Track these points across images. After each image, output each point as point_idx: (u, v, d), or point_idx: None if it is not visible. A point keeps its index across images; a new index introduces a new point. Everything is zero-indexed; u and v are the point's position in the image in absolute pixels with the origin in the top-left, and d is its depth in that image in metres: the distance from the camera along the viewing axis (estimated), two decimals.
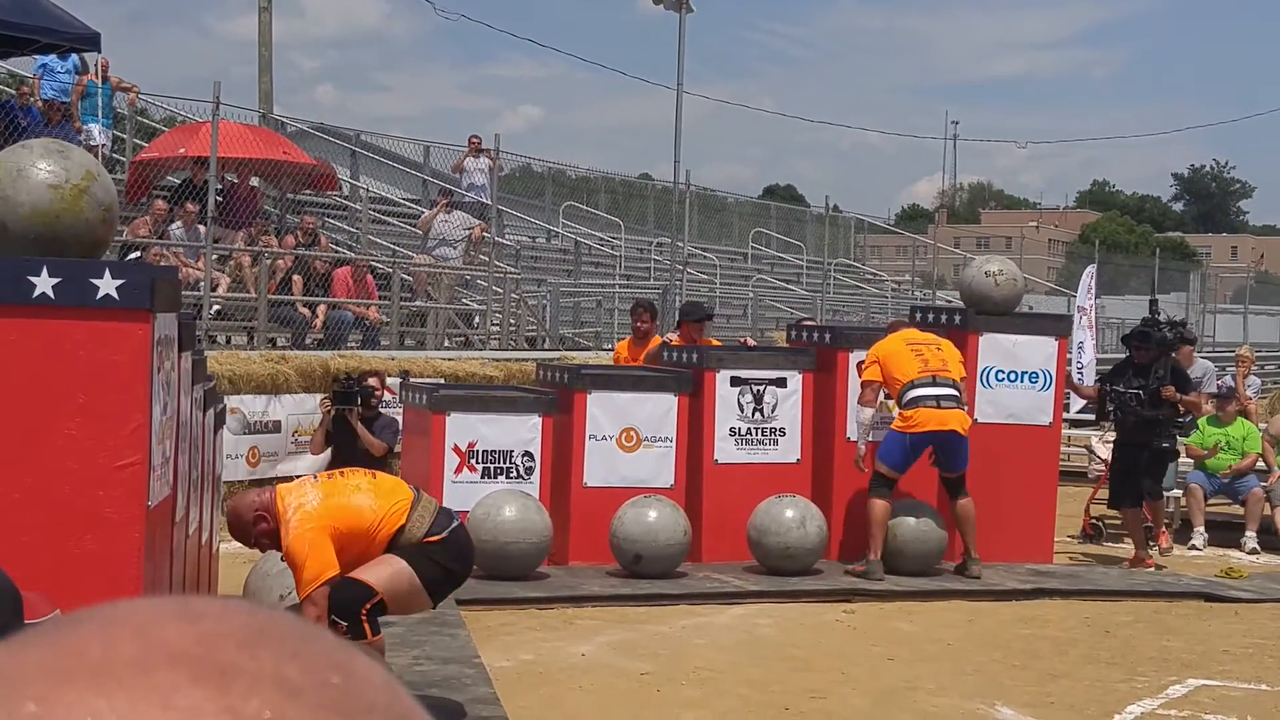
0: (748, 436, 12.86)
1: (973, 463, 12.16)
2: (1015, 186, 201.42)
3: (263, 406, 14.48)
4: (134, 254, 16.07)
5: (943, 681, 9.10)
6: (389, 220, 24.37)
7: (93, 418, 5.53)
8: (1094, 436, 16.85)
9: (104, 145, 18.79)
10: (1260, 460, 15.46)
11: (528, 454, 12.10)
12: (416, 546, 7.16)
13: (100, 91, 19.21)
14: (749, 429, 12.86)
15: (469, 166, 24.60)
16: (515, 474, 12.04)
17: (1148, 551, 13.45)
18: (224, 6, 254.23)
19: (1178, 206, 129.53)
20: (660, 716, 8.20)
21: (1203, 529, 15.11)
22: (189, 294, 15.64)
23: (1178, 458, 14.49)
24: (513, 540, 11.12)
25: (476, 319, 22.06)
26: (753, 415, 12.85)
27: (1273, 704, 8.92)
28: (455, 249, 21.69)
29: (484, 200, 23.69)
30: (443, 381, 15.08)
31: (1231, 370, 19.76)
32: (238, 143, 18.73)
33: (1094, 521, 15.13)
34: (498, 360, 17.97)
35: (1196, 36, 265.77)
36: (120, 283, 5.52)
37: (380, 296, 19.11)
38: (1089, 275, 23.30)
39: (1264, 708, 8.79)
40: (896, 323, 13.19)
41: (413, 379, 14.33)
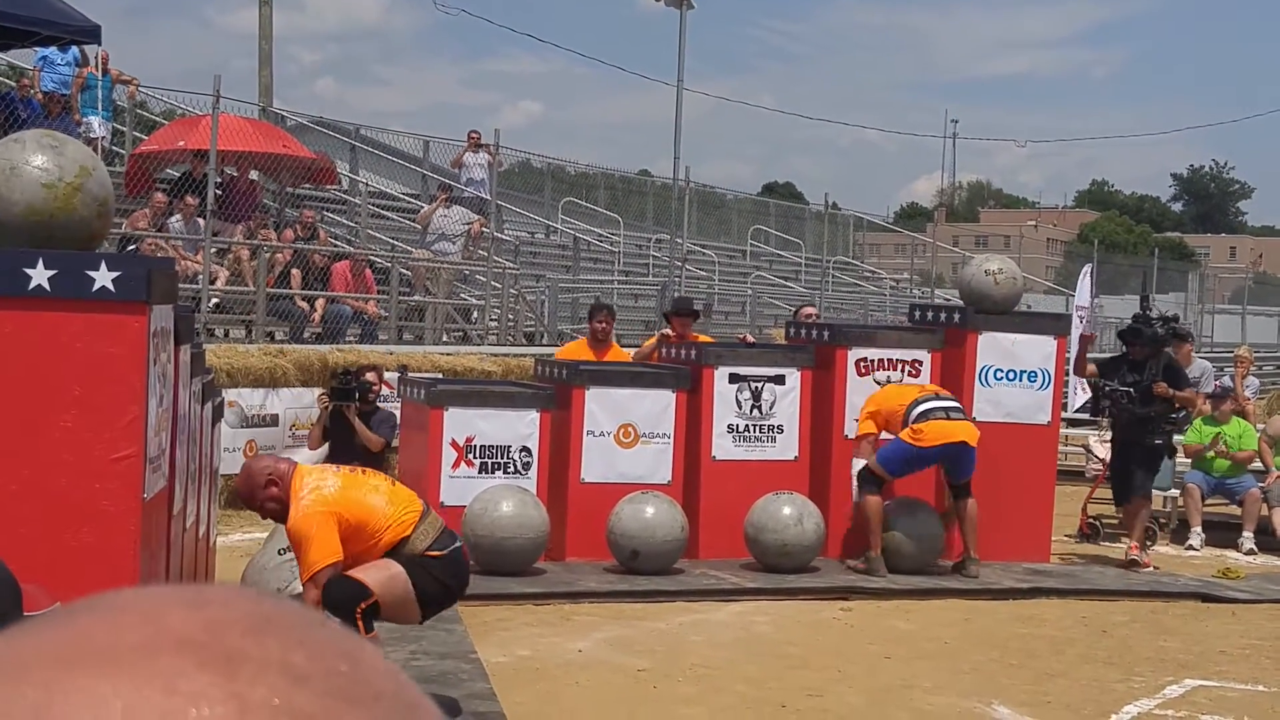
0: (746, 433, 12.85)
1: (972, 471, 12.17)
2: (1014, 185, 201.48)
3: (260, 400, 14.48)
4: (132, 246, 16.05)
5: (940, 680, 9.09)
6: (388, 215, 24.35)
7: (89, 410, 5.51)
8: (1092, 436, 16.85)
9: (104, 138, 18.79)
10: (1257, 459, 15.45)
11: (525, 449, 12.09)
12: (416, 558, 7.18)
13: (100, 84, 19.19)
14: (747, 426, 12.85)
15: (468, 161, 24.60)
16: (513, 469, 12.03)
17: (1135, 537, 13.43)
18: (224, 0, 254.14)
19: (1177, 207, 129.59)
20: (657, 713, 8.20)
21: (1200, 529, 15.10)
22: (188, 287, 15.64)
23: (1174, 455, 14.47)
24: (510, 535, 11.11)
25: (475, 314, 22.04)
26: (751, 412, 12.84)
27: (1269, 705, 8.92)
28: (454, 244, 21.68)
29: (483, 195, 23.68)
30: (441, 376, 15.07)
31: (1230, 371, 19.76)
32: (237, 136, 18.71)
33: (1091, 521, 15.12)
34: (496, 355, 17.96)
35: (1196, 37, 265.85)
36: (116, 275, 5.51)
37: (379, 291, 19.10)
38: (1086, 275, 23.29)
39: (1260, 708, 8.78)
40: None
41: (411, 374, 14.31)
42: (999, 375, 13.15)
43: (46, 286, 5.47)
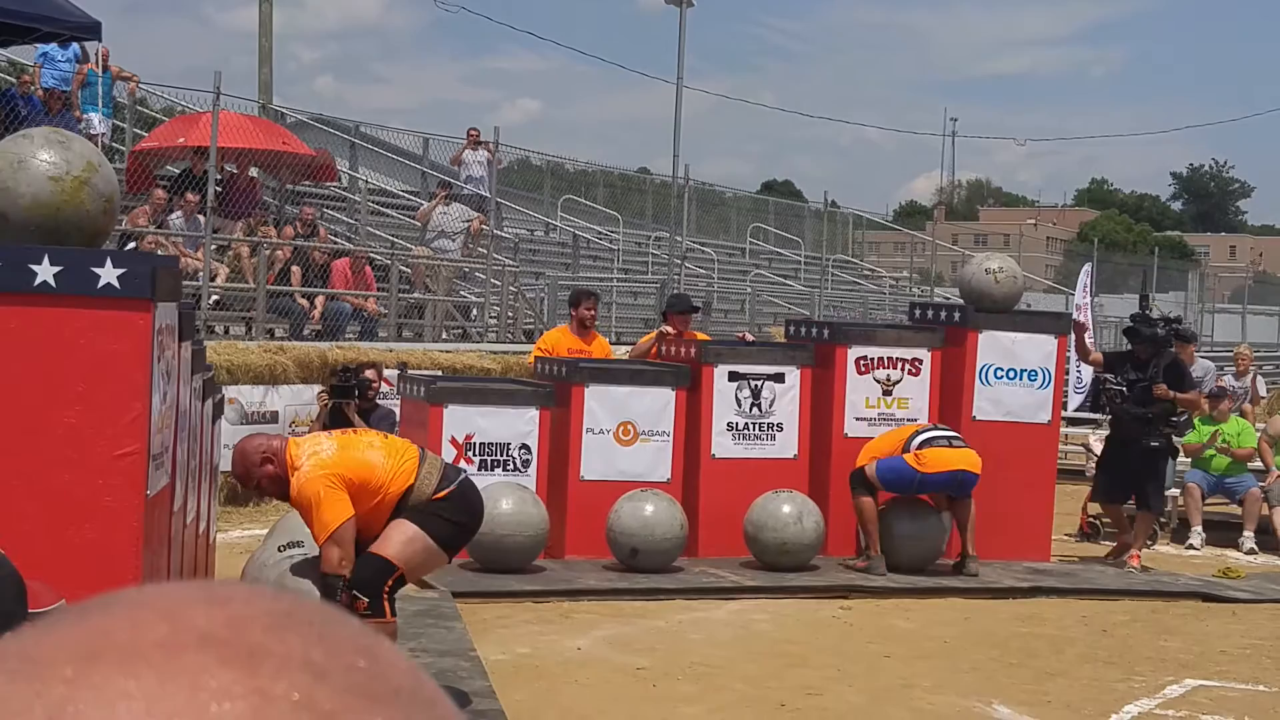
0: (745, 431, 12.85)
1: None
2: (1014, 184, 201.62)
3: (260, 397, 14.48)
4: (132, 243, 16.04)
5: (939, 679, 9.09)
6: (388, 212, 24.34)
7: (92, 406, 5.52)
8: (1092, 435, 16.85)
9: (104, 134, 18.77)
10: (1258, 458, 15.45)
11: (525, 447, 12.09)
12: (425, 505, 7.20)
13: (100, 81, 19.18)
14: (746, 424, 12.85)
15: (468, 159, 24.59)
16: (512, 467, 12.03)
17: (1138, 547, 13.42)
18: None
19: (1176, 205, 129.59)
20: (656, 711, 8.19)
21: (1200, 529, 15.10)
22: (188, 284, 15.63)
23: (1176, 456, 14.47)
24: (509, 533, 11.11)
25: (474, 311, 22.04)
26: (750, 410, 12.84)
27: (1270, 705, 8.92)
28: (454, 241, 21.69)
29: (483, 193, 23.68)
30: (440, 374, 15.07)
31: (1232, 370, 19.76)
32: (237, 133, 18.70)
33: (1091, 520, 15.12)
34: (495, 353, 17.96)
35: (1196, 36, 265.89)
36: (121, 272, 5.51)
37: (378, 288, 19.10)
38: (1086, 274, 23.29)
39: (1261, 708, 8.78)
40: None
41: (410, 371, 14.31)
42: (999, 374, 13.15)
43: (52, 283, 5.47)
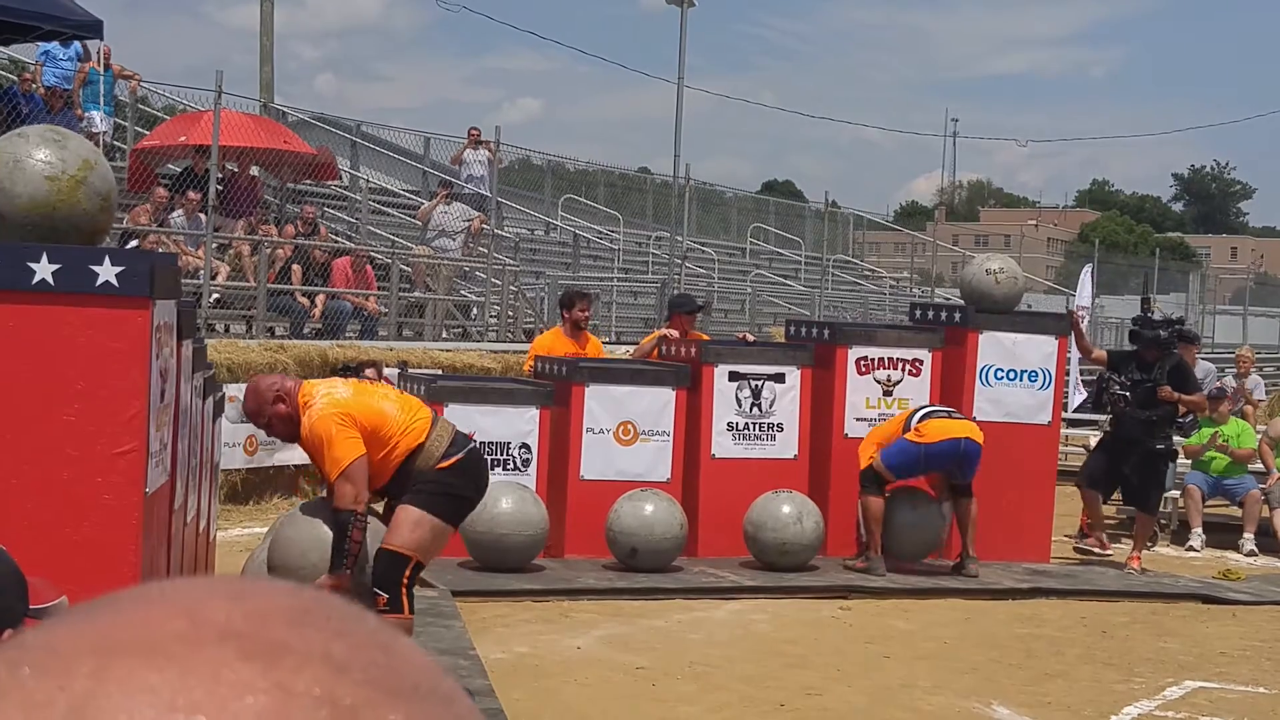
0: (745, 431, 12.85)
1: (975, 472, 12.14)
2: (1014, 185, 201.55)
3: None
4: (133, 241, 16.04)
5: (939, 680, 9.09)
6: (388, 211, 24.35)
7: (91, 404, 5.51)
8: (1092, 436, 16.83)
9: (105, 133, 18.77)
10: (1257, 459, 15.44)
11: (525, 446, 12.09)
12: (431, 474, 7.20)
13: (102, 79, 19.18)
14: (746, 424, 12.84)
15: (468, 158, 24.60)
16: (512, 466, 12.02)
17: (1105, 536, 13.41)
18: None
19: (1178, 207, 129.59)
20: (655, 711, 8.19)
21: (1200, 530, 15.09)
22: (189, 282, 15.63)
23: (1175, 458, 14.46)
24: (509, 532, 11.11)
25: (475, 311, 22.05)
26: (750, 410, 12.84)
27: (1270, 707, 8.91)
28: (454, 240, 21.68)
29: (483, 192, 23.69)
30: (440, 373, 15.07)
31: (1233, 371, 19.75)
32: (238, 132, 18.71)
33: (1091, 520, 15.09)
34: (495, 352, 17.96)
35: (1198, 36, 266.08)
36: (120, 270, 5.51)
37: (379, 287, 19.10)
38: (1086, 275, 23.28)
39: (1261, 710, 8.78)
40: None
41: (411, 370, 14.30)
42: (999, 375, 13.14)
43: (50, 281, 5.47)
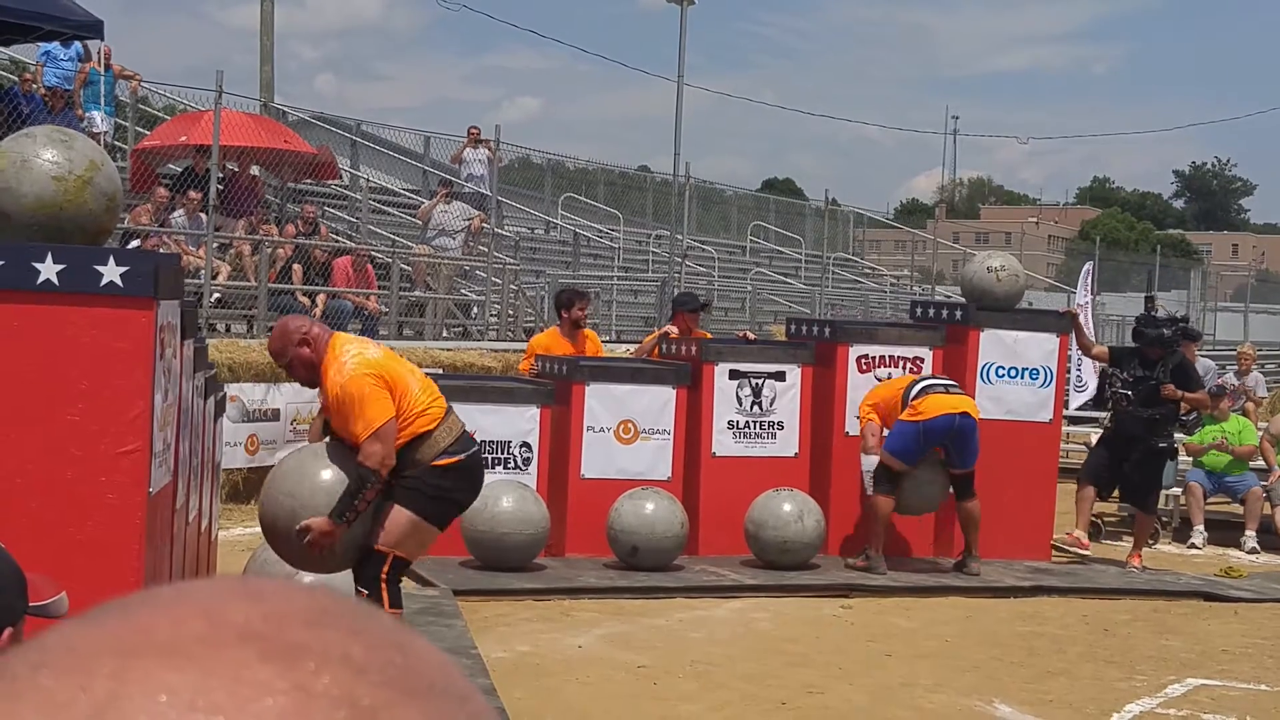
0: (746, 430, 12.85)
1: (975, 457, 12.13)
2: (1015, 182, 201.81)
3: (262, 395, 14.47)
4: (134, 241, 16.05)
5: (940, 678, 9.09)
6: (389, 210, 24.35)
7: (95, 404, 5.52)
8: (1094, 434, 16.83)
9: (106, 133, 18.77)
10: (1259, 456, 15.45)
11: (525, 445, 12.10)
12: (427, 472, 7.16)
13: (103, 79, 19.18)
14: (747, 422, 12.85)
15: (468, 157, 24.58)
16: (513, 465, 12.03)
17: (1085, 535, 13.39)
18: None
19: (1179, 204, 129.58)
20: (657, 709, 8.20)
21: (1202, 527, 15.09)
22: (190, 282, 15.63)
23: (1175, 456, 14.46)
24: (510, 531, 11.12)
25: (475, 310, 22.05)
26: (751, 408, 12.84)
27: (1272, 704, 8.92)
28: (454, 239, 21.67)
29: (483, 191, 23.69)
30: (441, 371, 15.06)
31: (1234, 368, 19.75)
32: (239, 131, 18.71)
33: (1093, 519, 15.09)
34: (496, 351, 17.96)
35: (1199, 33, 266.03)
36: (124, 270, 5.52)
37: (379, 286, 19.10)
38: (1086, 272, 23.28)
39: (1263, 708, 8.78)
40: None
41: None
42: (1001, 372, 13.15)
43: (55, 281, 5.48)
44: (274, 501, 7.24)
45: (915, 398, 11.87)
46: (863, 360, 13.06)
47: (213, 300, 16.94)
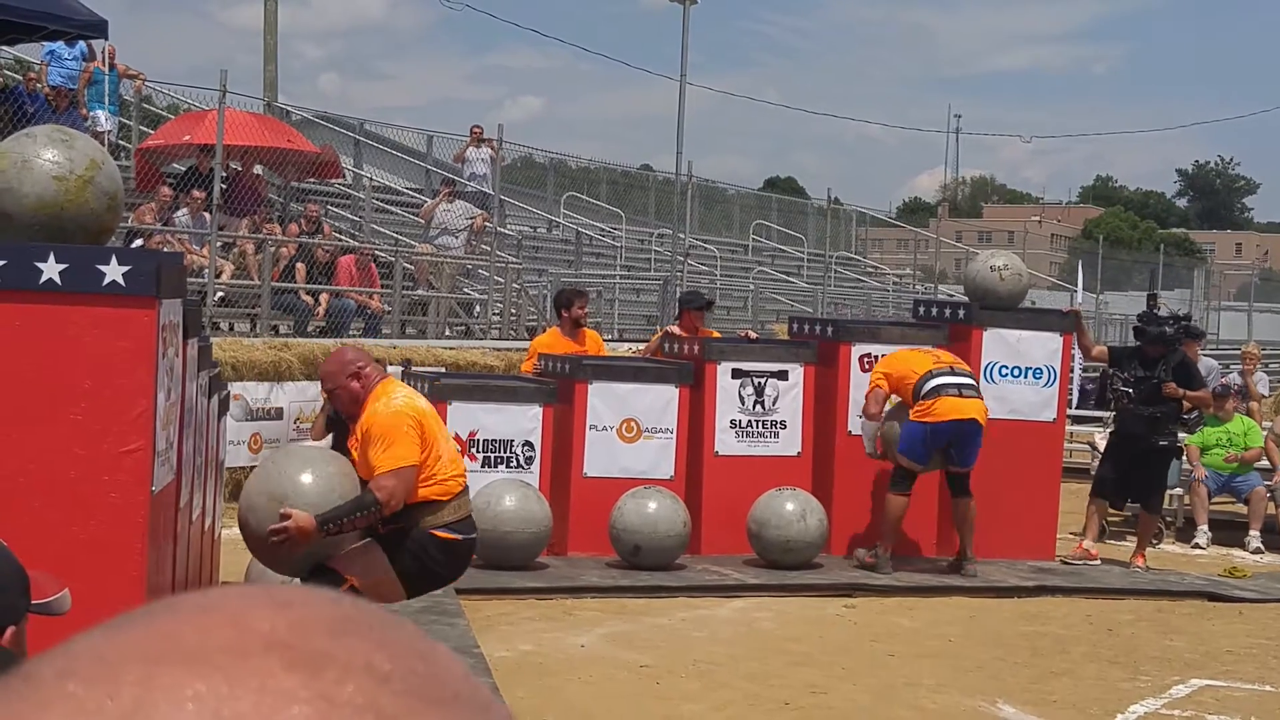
0: (748, 429, 12.84)
1: (976, 458, 12.11)
2: (1018, 181, 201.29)
3: (265, 393, 14.47)
4: (138, 240, 16.05)
5: (943, 678, 9.08)
6: (391, 209, 24.35)
7: (98, 403, 5.51)
8: (1097, 433, 16.82)
9: (110, 132, 18.78)
10: (1264, 456, 15.43)
11: (528, 444, 12.09)
12: (423, 534, 7.16)
13: (107, 79, 19.18)
14: (750, 421, 12.84)
15: (471, 156, 24.58)
16: (515, 463, 12.03)
17: (1094, 546, 13.36)
18: None
19: (1182, 203, 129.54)
20: (660, 708, 8.19)
21: (1206, 528, 15.08)
22: (193, 280, 15.63)
23: (1180, 455, 14.45)
24: (512, 530, 11.11)
25: (478, 308, 22.04)
26: (753, 408, 12.84)
27: (1276, 704, 8.90)
28: (457, 238, 21.66)
29: (486, 190, 23.68)
30: (444, 370, 15.07)
31: (1237, 368, 19.72)
32: (242, 130, 18.71)
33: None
34: (499, 350, 17.96)
35: (1202, 31, 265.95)
36: (127, 269, 5.51)
37: (382, 285, 19.10)
38: (1080, 273, 23.29)
39: (1267, 708, 8.77)
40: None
41: (414, 368, 14.30)
42: (1004, 372, 13.13)
43: (57, 280, 5.47)
44: (251, 487, 7.28)
45: (928, 395, 11.77)
46: (865, 359, 13.03)
47: (216, 299, 16.95)
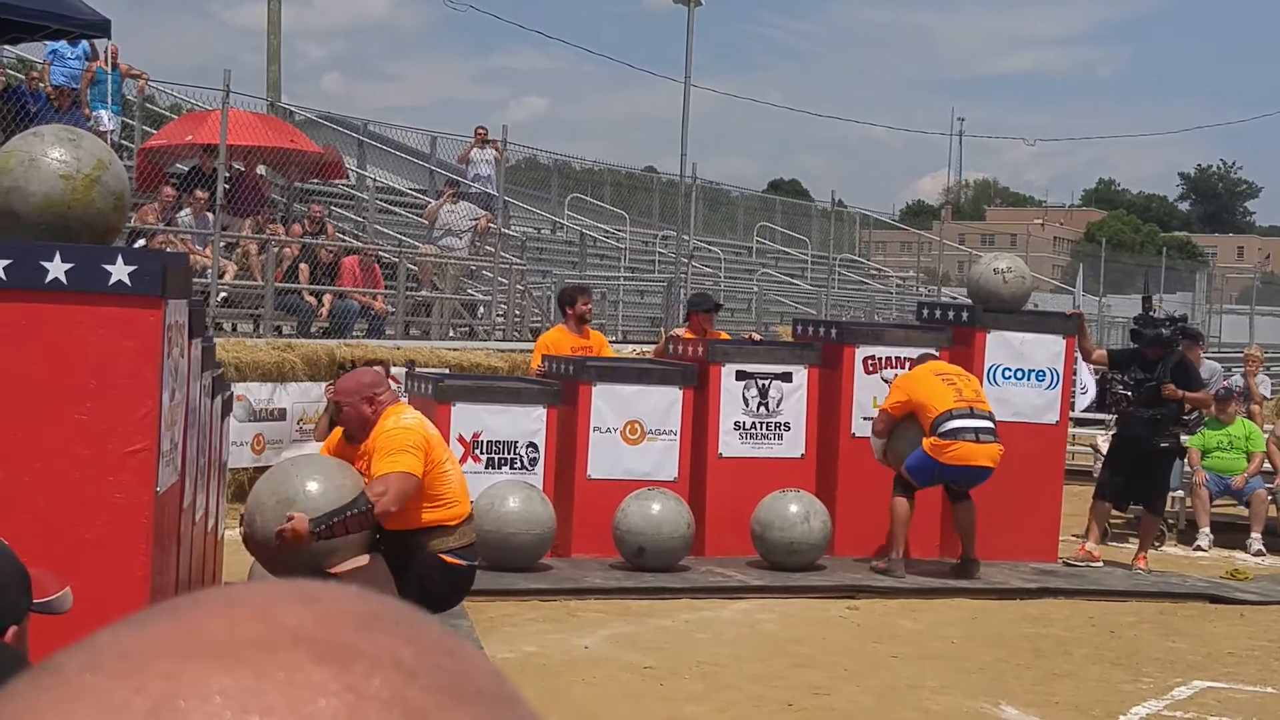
0: (752, 430, 12.84)
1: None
2: (1021, 184, 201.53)
3: (268, 394, 14.47)
4: (141, 241, 16.05)
5: (946, 680, 9.09)
6: (395, 210, 24.36)
7: (103, 403, 5.51)
8: (1100, 436, 16.82)
9: (113, 132, 18.77)
10: (1266, 461, 15.43)
11: (532, 445, 12.10)
12: (429, 555, 7.19)
13: (110, 78, 19.18)
14: (753, 423, 12.84)
15: (475, 157, 24.59)
16: (519, 465, 12.03)
17: (1098, 548, 13.35)
18: None
19: (1184, 206, 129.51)
20: (663, 710, 8.20)
21: (1208, 530, 15.07)
22: (196, 281, 15.62)
23: (1183, 456, 14.44)
24: (516, 531, 11.11)
25: (481, 310, 22.05)
26: (757, 409, 12.84)
27: (1278, 706, 8.91)
28: (461, 239, 21.67)
29: (490, 191, 23.68)
30: (448, 372, 15.07)
31: (1240, 371, 19.70)
32: (246, 130, 18.71)
33: None
34: (503, 351, 17.95)
35: (1204, 36, 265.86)
36: (132, 269, 5.51)
37: (386, 286, 19.11)
38: (1080, 276, 23.29)
39: (1269, 710, 8.77)
40: (923, 356, 12.58)
41: (418, 369, 14.31)
42: (1007, 374, 13.13)
43: (63, 279, 5.47)
44: (261, 488, 7.35)
45: (945, 436, 11.68)
46: (869, 361, 13.05)
47: (219, 300, 16.95)
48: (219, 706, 0.58)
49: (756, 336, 15.69)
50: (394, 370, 14.20)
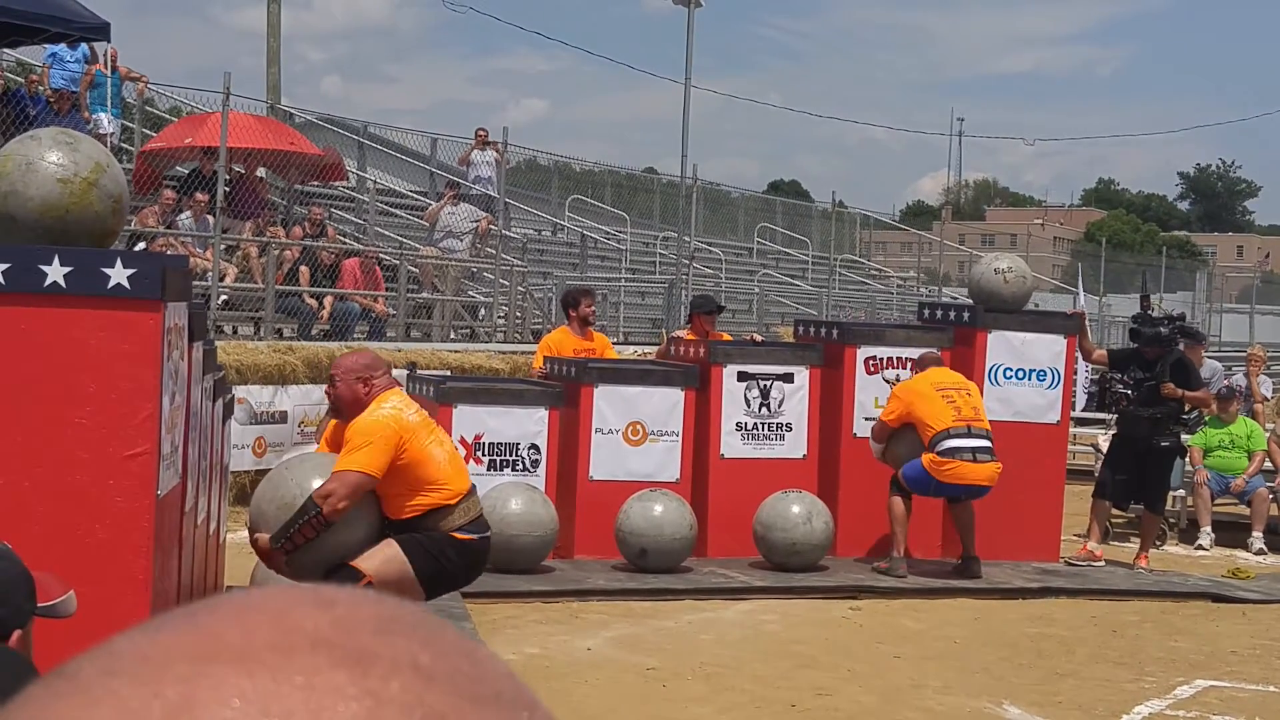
0: (754, 431, 12.84)
1: None
2: (1020, 184, 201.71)
3: (269, 397, 14.46)
4: (141, 244, 16.05)
5: (949, 680, 9.08)
6: (396, 212, 24.35)
7: (103, 407, 5.51)
8: (1101, 435, 16.81)
9: (112, 135, 18.77)
10: (1267, 460, 15.42)
11: (534, 447, 12.09)
12: (440, 536, 7.20)
13: (109, 81, 19.18)
14: (755, 424, 12.83)
15: (475, 159, 24.58)
16: (521, 467, 12.03)
17: (1099, 547, 13.33)
18: None
19: (1184, 205, 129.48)
20: (666, 711, 8.19)
21: (1209, 529, 15.07)
22: (197, 284, 15.62)
23: (1184, 455, 14.42)
24: (519, 533, 11.11)
25: (483, 311, 22.04)
26: (759, 410, 12.83)
27: None
28: (462, 241, 21.67)
29: (490, 193, 23.67)
30: (449, 374, 15.06)
31: (1242, 370, 19.69)
32: (245, 133, 18.68)
33: None
34: (504, 353, 17.95)
35: (1204, 34, 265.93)
36: (131, 272, 5.51)
37: (386, 288, 19.10)
38: (1079, 276, 23.28)
39: (1271, 709, 8.76)
40: (926, 356, 12.48)
41: (419, 371, 14.30)
42: (1008, 374, 13.12)
43: (62, 283, 5.47)
44: (262, 495, 7.40)
45: (943, 454, 11.69)
46: (870, 362, 13.04)
47: (220, 302, 16.95)
48: (238, 710, 0.58)
49: (758, 338, 15.68)
50: (395, 372, 14.19)
